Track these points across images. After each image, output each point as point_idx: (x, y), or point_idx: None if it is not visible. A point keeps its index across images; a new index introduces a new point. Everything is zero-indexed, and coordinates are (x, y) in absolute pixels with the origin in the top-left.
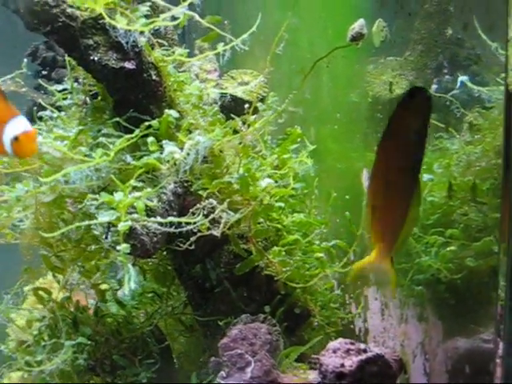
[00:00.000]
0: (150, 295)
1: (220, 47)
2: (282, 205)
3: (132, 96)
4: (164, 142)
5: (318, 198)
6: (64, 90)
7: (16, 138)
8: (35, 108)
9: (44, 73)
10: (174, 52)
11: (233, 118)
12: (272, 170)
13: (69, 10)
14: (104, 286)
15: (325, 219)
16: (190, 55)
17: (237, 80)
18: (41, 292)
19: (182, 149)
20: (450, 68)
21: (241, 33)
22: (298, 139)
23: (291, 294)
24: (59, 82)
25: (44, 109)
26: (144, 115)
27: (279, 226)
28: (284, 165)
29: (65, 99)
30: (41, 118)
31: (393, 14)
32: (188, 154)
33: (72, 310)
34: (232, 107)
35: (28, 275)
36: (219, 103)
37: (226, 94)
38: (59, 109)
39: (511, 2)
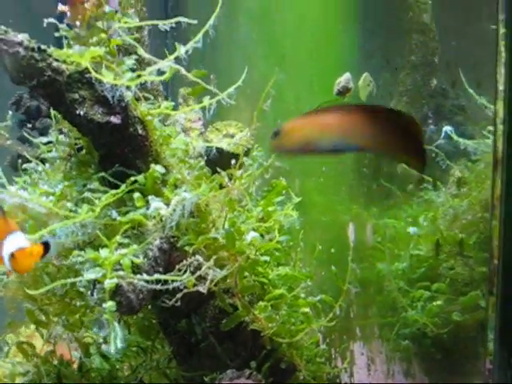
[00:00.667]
0: (134, 349)
1: (206, 101)
2: (268, 259)
3: (118, 150)
4: (150, 197)
5: (303, 250)
6: (49, 142)
7: (12, 255)
8: (19, 160)
9: (28, 124)
10: (159, 106)
11: (218, 172)
12: (257, 223)
13: (55, 64)
14: (88, 340)
15: (310, 272)
16: (174, 104)
17: (222, 132)
18: (25, 346)
19: (168, 204)
20: (434, 119)
21: (225, 85)
22: (283, 191)
23: (277, 349)
24: (43, 131)
25: (28, 160)
26: (130, 170)
27: (265, 280)
28: (269, 217)
29: (49, 151)
30: (25, 170)
31: (379, 68)
32: (174, 210)
33: (56, 364)
34: (217, 160)
35: (11, 329)
36: (205, 157)
37: (211, 147)
38: (43, 161)
39: (500, 57)
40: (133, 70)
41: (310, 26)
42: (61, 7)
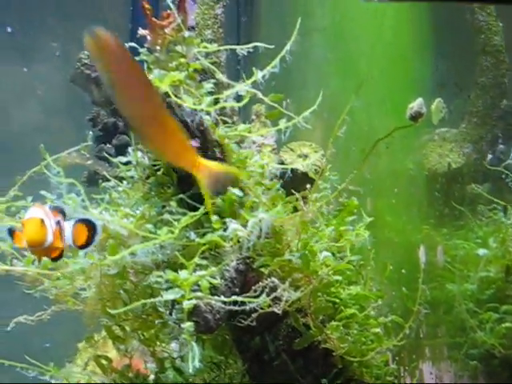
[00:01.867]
0: (208, 363)
1: (282, 124)
2: (340, 278)
3: None
4: (227, 219)
5: (373, 269)
6: (128, 162)
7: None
8: (95, 176)
9: (105, 140)
10: (236, 128)
11: (293, 193)
12: (329, 242)
13: None
14: (162, 354)
15: (380, 292)
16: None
17: (296, 152)
18: (102, 360)
19: (244, 226)
20: (504, 139)
21: (298, 103)
22: (355, 211)
23: (348, 368)
24: (120, 148)
25: (107, 179)
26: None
27: (336, 299)
28: (341, 237)
29: (128, 171)
30: (104, 188)
31: (451, 93)
32: (251, 232)
33: (132, 377)
34: (292, 181)
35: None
36: (279, 177)
37: (286, 169)
38: (121, 179)
39: None
40: (211, 94)
41: (383, 48)
42: (141, 31)
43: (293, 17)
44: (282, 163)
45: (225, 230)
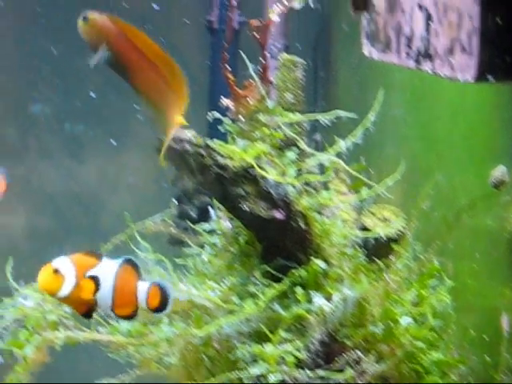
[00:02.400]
0: None
1: (364, 192)
2: (422, 345)
3: (280, 244)
4: (313, 293)
5: (455, 334)
6: (211, 230)
7: None
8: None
9: (185, 200)
10: (318, 196)
11: (374, 260)
12: (410, 308)
13: (221, 161)
14: None
15: (462, 357)
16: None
17: (377, 216)
18: None
19: (329, 299)
20: None
21: (375, 161)
22: (436, 274)
23: None
24: (201, 209)
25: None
26: (291, 262)
27: (419, 367)
28: (423, 301)
29: (211, 237)
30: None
31: None
32: (336, 307)
33: None
34: (374, 248)
35: None
36: (362, 244)
37: (369, 237)
38: (203, 246)
39: None
40: (294, 163)
41: (465, 112)
42: (224, 101)
43: (371, 72)
44: (364, 227)
45: (309, 301)
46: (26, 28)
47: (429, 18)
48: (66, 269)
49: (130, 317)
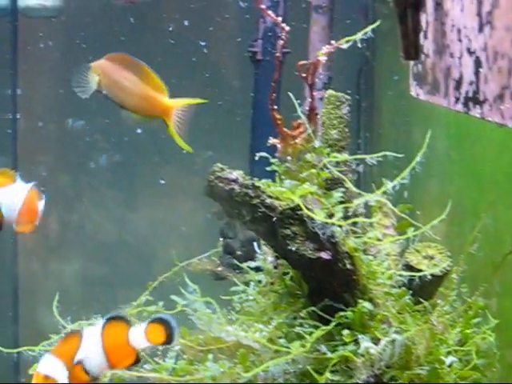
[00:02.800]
0: None
1: (410, 232)
2: None
3: (327, 284)
4: (360, 336)
5: (498, 371)
6: (257, 268)
7: None
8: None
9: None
10: (364, 237)
11: (418, 299)
12: (455, 346)
13: (268, 201)
14: None
15: None
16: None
17: (421, 253)
18: None
19: (375, 341)
20: None
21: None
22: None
23: None
24: (246, 242)
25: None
26: (338, 303)
27: None
28: (467, 340)
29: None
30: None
31: None
32: (384, 351)
33: None
34: (420, 288)
35: None
36: (407, 284)
37: (414, 276)
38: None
39: None
40: (341, 203)
41: (509, 150)
42: (272, 141)
43: (415, 105)
44: (409, 265)
45: (355, 342)
46: None
47: (478, 63)
48: (54, 370)
49: (132, 364)
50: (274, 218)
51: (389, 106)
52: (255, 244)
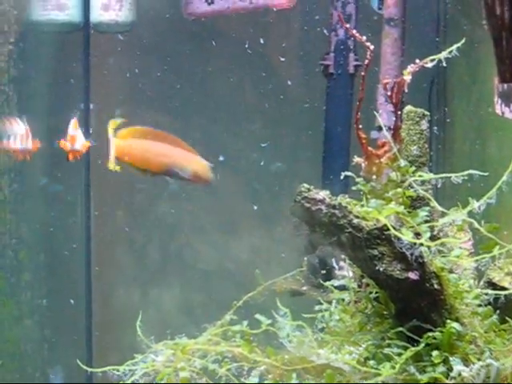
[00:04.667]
0: None
1: (496, 251)
2: None
3: (414, 305)
4: (451, 358)
5: None
6: (341, 286)
7: None
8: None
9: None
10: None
11: (505, 320)
12: None
13: (355, 221)
14: None
15: None
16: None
17: (504, 270)
18: None
19: (466, 362)
20: None
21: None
22: None
23: None
24: (324, 259)
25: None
26: (425, 324)
27: None
28: None
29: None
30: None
31: None
32: (477, 375)
33: None
34: (505, 306)
35: None
36: (492, 302)
37: (499, 295)
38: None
39: None
40: (426, 222)
41: None
42: (356, 159)
43: (490, 118)
44: (491, 282)
45: (444, 363)
46: None
47: None
48: None
49: None
50: (361, 238)
51: (462, 119)
52: (334, 260)
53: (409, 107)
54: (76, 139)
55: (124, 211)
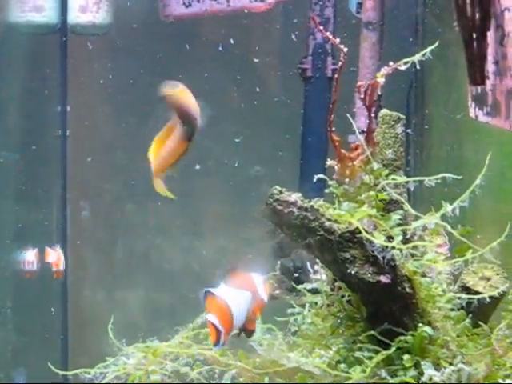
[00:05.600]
0: None
1: (469, 255)
2: None
3: (386, 308)
4: (422, 362)
5: None
6: (314, 290)
7: None
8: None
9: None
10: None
11: (478, 324)
12: None
13: (327, 224)
14: None
15: None
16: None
17: (478, 274)
18: None
19: (437, 367)
20: None
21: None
22: None
23: None
24: (299, 263)
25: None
26: (397, 327)
27: None
28: None
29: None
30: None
31: None
32: (448, 379)
33: None
34: (478, 310)
35: None
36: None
37: (472, 299)
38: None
39: None
40: (399, 225)
41: None
42: (329, 162)
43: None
44: (465, 286)
45: (415, 367)
46: None
47: None
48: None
49: None
50: (333, 241)
51: (439, 122)
52: (308, 263)
53: (384, 111)
54: None
55: (92, 212)
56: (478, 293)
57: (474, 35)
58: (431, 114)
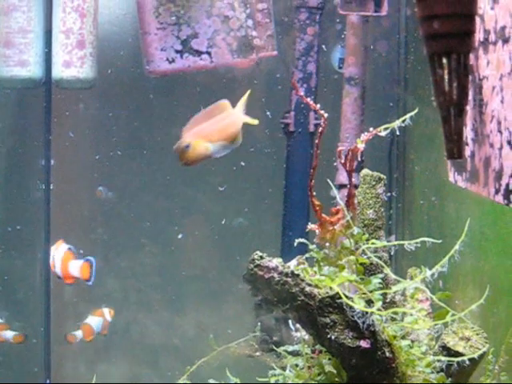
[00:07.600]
0: None
1: (448, 318)
2: None
3: (366, 372)
4: None
5: None
6: (295, 352)
7: None
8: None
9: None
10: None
11: None
12: None
13: (307, 289)
14: None
15: None
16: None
17: (458, 335)
18: None
19: None
20: None
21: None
22: None
23: None
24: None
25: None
26: None
27: None
28: None
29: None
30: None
31: None
32: None
33: None
34: (458, 373)
35: None
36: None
37: (452, 361)
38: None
39: None
40: (379, 289)
41: None
42: (310, 226)
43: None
44: (446, 347)
45: None
46: None
47: None
48: None
49: None
50: (314, 306)
51: (421, 178)
52: (290, 322)
53: (365, 171)
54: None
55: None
56: (458, 353)
57: (452, 111)
58: (412, 169)
